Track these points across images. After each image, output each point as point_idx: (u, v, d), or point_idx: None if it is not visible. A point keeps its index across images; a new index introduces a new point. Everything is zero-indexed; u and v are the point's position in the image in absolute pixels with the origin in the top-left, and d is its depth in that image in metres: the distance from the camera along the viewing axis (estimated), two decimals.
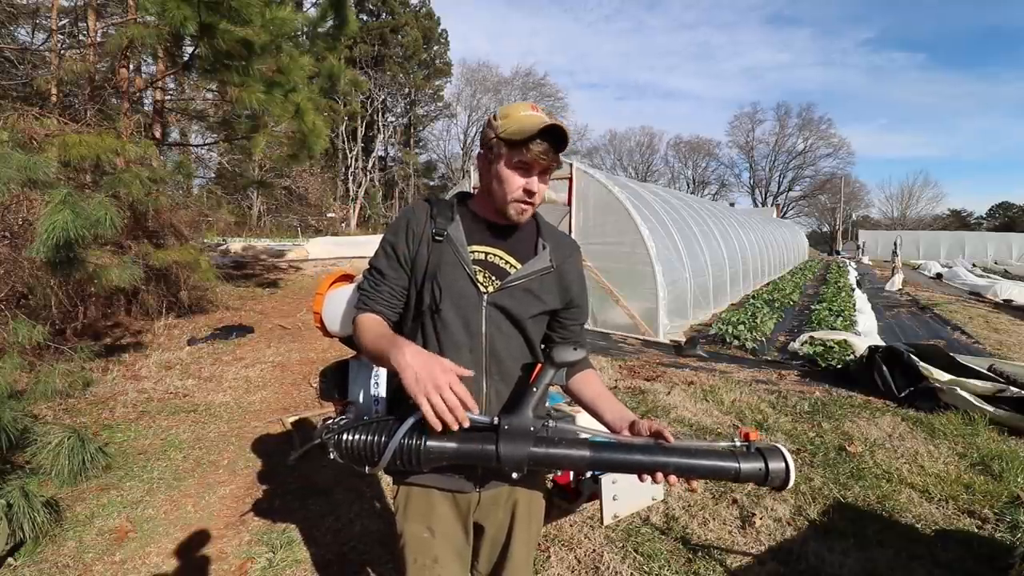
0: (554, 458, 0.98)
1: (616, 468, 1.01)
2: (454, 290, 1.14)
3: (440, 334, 1.15)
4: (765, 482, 0.97)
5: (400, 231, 1.18)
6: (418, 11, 32.01)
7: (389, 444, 0.97)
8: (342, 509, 2.74)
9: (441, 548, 1.18)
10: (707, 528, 2.56)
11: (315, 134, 6.89)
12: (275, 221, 22.51)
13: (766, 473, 0.96)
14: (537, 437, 0.99)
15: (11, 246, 4.44)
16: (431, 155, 37.57)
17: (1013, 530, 2.50)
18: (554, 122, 1.08)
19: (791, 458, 0.97)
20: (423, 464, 0.99)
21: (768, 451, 0.98)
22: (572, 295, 1.25)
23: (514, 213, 1.15)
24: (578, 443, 0.99)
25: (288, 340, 6.34)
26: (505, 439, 0.97)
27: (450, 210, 1.21)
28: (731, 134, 53.05)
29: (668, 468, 0.97)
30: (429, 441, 0.97)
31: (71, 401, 3.97)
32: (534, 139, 1.07)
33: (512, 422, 1.00)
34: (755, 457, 0.97)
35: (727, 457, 0.97)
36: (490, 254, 1.18)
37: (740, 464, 0.96)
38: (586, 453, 0.98)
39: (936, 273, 17.10)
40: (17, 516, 2.27)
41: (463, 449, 0.98)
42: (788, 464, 0.96)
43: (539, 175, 1.13)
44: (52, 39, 6.31)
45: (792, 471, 0.97)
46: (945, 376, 4.18)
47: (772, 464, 0.96)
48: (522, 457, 0.96)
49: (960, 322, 8.22)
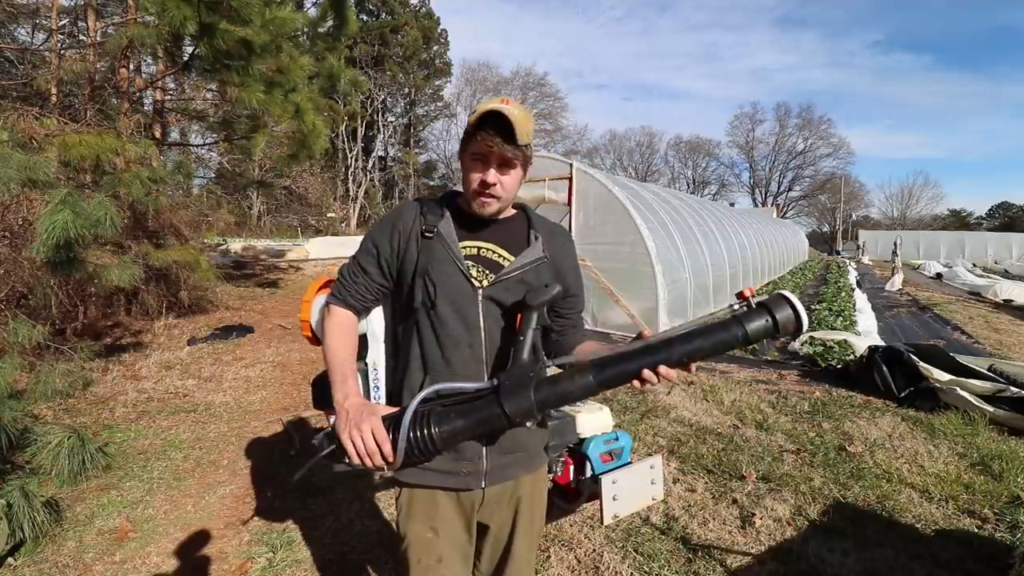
0: (561, 393, 0.96)
1: (624, 378, 0.97)
2: (448, 286, 1.13)
3: (438, 330, 1.15)
4: (776, 334, 0.91)
5: (386, 231, 1.19)
6: (418, 11, 32.04)
7: (399, 439, 0.96)
8: (342, 509, 2.74)
9: (445, 548, 1.17)
10: (707, 528, 2.56)
11: (315, 134, 6.89)
12: (275, 221, 22.53)
13: (775, 324, 0.90)
14: (538, 381, 0.97)
15: (11, 246, 4.44)
16: (431, 155, 37.63)
17: (1013, 530, 2.50)
18: (495, 107, 1.05)
19: (798, 301, 0.91)
20: (440, 448, 0.98)
21: (772, 302, 0.92)
22: (568, 284, 1.24)
23: (476, 207, 1.14)
24: (580, 370, 0.97)
25: (288, 340, 6.34)
26: (506, 394, 0.95)
27: (440, 207, 1.21)
28: (731, 134, 53.06)
29: (672, 358, 0.93)
30: (438, 427, 0.96)
31: (71, 401, 3.97)
32: (480, 127, 1.06)
33: (510, 375, 0.99)
34: (758, 313, 0.92)
35: (730, 324, 0.93)
36: (483, 248, 1.18)
37: (745, 325, 0.91)
38: (590, 377, 0.95)
39: (936, 273, 17.11)
40: (17, 516, 2.27)
41: (472, 419, 0.97)
42: (796, 308, 0.90)
43: (498, 167, 1.10)
44: (52, 39, 6.30)
45: (803, 314, 0.90)
46: (945, 376, 4.18)
47: (779, 314, 0.90)
48: (528, 405, 0.94)
49: (960, 322, 8.22)
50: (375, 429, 0.98)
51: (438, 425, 0.96)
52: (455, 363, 1.14)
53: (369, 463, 0.98)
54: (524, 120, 1.07)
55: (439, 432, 0.96)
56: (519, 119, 1.05)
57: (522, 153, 1.10)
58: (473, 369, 1.15)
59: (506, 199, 1.15)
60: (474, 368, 1.15)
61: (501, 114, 1.04)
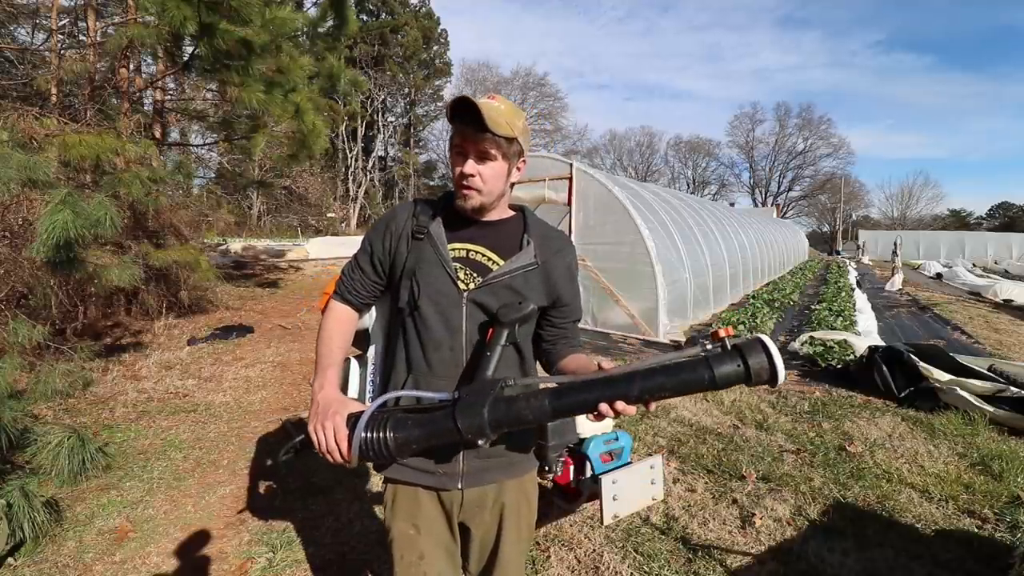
0: (515, 414, 0.94)
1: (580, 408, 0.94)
2: (433, 287, 1.14)
3: (420, 331, 1.15)
4: (748, 381, 0.86)
5: (380, 230, 1.21)
6: (418, 11, 32.04)
7: (354, 436, 0.98)
8: (342, 509, 2.74)
9: (427, 544, 1.18)
10: (707, 528, 2.56)
11: (315, 134, 6.89)
12: (275, 221, 22.53)
13: (746, 371, 0.85)
14: (495, 399, 0.95)
15: (11, 246, 4.44)
16: (431, 155, 37.62)
17: (1013, 530, 2.50)
18: (463, 95, 1.05)
19: (775, 349, 0.85)
20: (395, 454, 0.98)
21: (747, 346, 0.86)
22: (560, 292, 1.21)
23: (460, 200, 1.14)
24: (537, 394, 0.95)
25: (288, 340, 6.34)
26: (461, 410, 0.95)
27: (434, 208, 1.21)
28: (731, 134, 53.14)
29: (631, 394, 0.89)
30: (393, 432, 0.97)
31: (71, 401, 3.97)
32: (452, 120, 1.08)
33: (470, 390, 0.98)
34: (731, 356, 0.86)
35: (697, 365, 0.87)
36: (472, 251, 1.17)
37: (714, 368, 0.86)
38: (546, 402, 0.93)
39: (936, 273, 17.11)
40: (17, 516, 2.27)
41: (427, 430, 0.97)
42: (772, 356, 0.84)
43: (477, 158, 1.09)
44: (52, 39, 6.30)
45: (778, 363, 0.84)
46: (945, 376, 4.18)
47: (752, 359, 0.84)
48: (481, 423, 0.93)
49: (960, 322, 8.22)
50: (336, 428, 1.01)
51: (394, 431, 0.97)
52: (435, 364, 1.15)
53: (329, 459, 1.02)
54: (503, 111, 1.06)
55: (393, 437, 0.97)
56: (492, 108, 1.04)
57: (499, 143, 1.07)
58: (453, 372, 1.15)
59: (488, 191, 1.12)
60: (454, 371, 1.15)
61: (467, 101, 1.03)
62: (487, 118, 1.02)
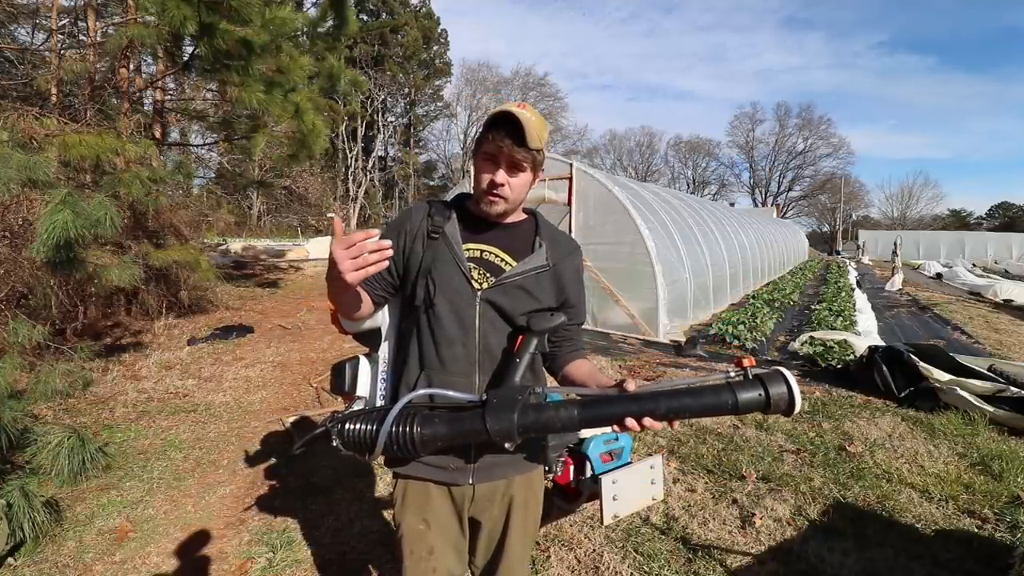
0: (543, 422, 0.97)
1: (607, 420, 0.98)
2: (448, 286, 1.16)
3: (434, 328, 1.17)
4: (767, 409, 0.92)
5: (395, 229, 1.22)
6: (418, 11, 32.06)
7: (381, 431, 0.99)
8: (342, 509, 2.74)
9: (436, 540, 1.20)
10: (707, 528, 2.56)
11: (315, 134, 6.89)
12: (275, 221, 22.54)
13: (767, 400, 0.90)
14: (524, 405, 0.98)
15: (11, 246, 4.44)
16: (431, 155, 37.67)
17: (1013, 530, 2.50)
18: (508, 109, 1.06)
19: (794, 380, 0.92)
20: (419, 449, 1.00)
21: (768, 376, 0.93)
22: (568, 295, 1.26)
23: (484, 206, 1.16)
24: (566, 404, 0.99)
25: (288, 340, 6.33)
26: (491, 412, 0.97)
27: (448, 209, 1.23)
28: (731, 134, 53.13)
29: (658, 411, 0.93)
30: (420, 428, 0.99)
31: (71, 401, 3.97)
32: (491, 129, 1.09)
33: (499, 395, 1.01)
34: (753, 385, 0.92)
35: (721, 391, 0.93)
36: (486, 251, 1.20)
37: (737, 394, 0.91)
38: (574, 411, 0.96)
39: (936, 273, 17.10)
40: (17, 516, 2.27)
41: (455, 429, 0.99)
42: (791, 387, 0.91)
43: (507, 168, 1.12)
44: (52, 39, 6.30)
45: (796, 394, 0.90)
46: (945, 376, 4.18)
47: (773, 389, 0.90)
48: (510, 427, 0.96)
49: (960, 322, 8.21)
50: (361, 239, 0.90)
51: (421, 426, 0.99)
52: (447, 361, 1.17)
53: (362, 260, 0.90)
54: (537, 125, 1.08)
55: (420, 433, 0.98)
56: (531, 123, 1.07)
57: (532, 157, 1.11)
58: (465, 368, 1.17)
59: (513, 200, 1.16)
60: (466, 367, 1.17)
61: (512, 116, 1.06)
62: (529, 134, 1.06)
